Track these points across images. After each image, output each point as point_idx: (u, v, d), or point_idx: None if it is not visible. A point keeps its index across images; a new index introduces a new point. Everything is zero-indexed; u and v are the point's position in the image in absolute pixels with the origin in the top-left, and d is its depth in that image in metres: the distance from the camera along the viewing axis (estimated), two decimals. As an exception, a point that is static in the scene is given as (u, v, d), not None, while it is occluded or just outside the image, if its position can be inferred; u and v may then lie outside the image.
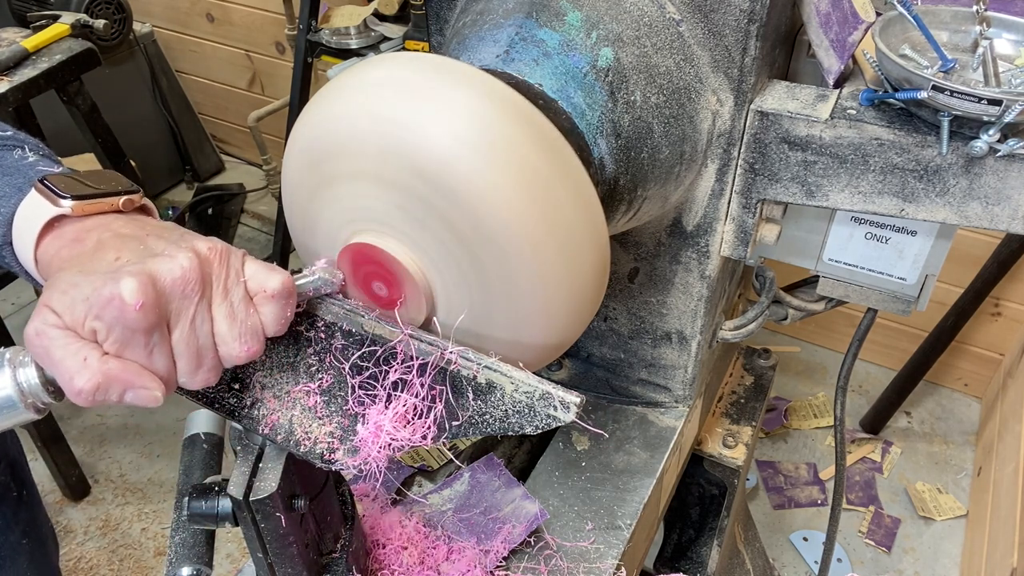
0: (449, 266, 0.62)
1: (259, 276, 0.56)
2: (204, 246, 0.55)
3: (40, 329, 0.50)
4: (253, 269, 0.57)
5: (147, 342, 0.51)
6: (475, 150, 0.57)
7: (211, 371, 0.56)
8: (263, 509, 0.63)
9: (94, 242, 0.55)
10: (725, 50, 0.76)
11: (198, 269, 0.53)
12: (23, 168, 0.66)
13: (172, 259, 0.52)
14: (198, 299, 0.53)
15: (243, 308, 0.55)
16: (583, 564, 0.86)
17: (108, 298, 0.49)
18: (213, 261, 0.54)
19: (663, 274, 0.94)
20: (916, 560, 2.13)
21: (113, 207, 0.60)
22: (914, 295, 0.95)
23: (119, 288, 0.49)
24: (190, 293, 0.52)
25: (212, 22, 3.18)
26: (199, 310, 0.53)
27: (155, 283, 0.51)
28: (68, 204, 0.58)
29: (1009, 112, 0.67)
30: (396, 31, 2.18)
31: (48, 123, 2.43)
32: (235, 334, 0.55)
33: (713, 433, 1.24)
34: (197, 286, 0.52)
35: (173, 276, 0.51)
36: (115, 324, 0.50)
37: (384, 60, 0.62)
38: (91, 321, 0.50)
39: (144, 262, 0.52)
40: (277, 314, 0.57)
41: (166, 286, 0.51)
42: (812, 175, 0.80)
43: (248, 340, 0.56)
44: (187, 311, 0.53)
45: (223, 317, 0.55)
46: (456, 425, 0.60)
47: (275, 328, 0.58)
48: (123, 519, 2.29)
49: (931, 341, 2.25)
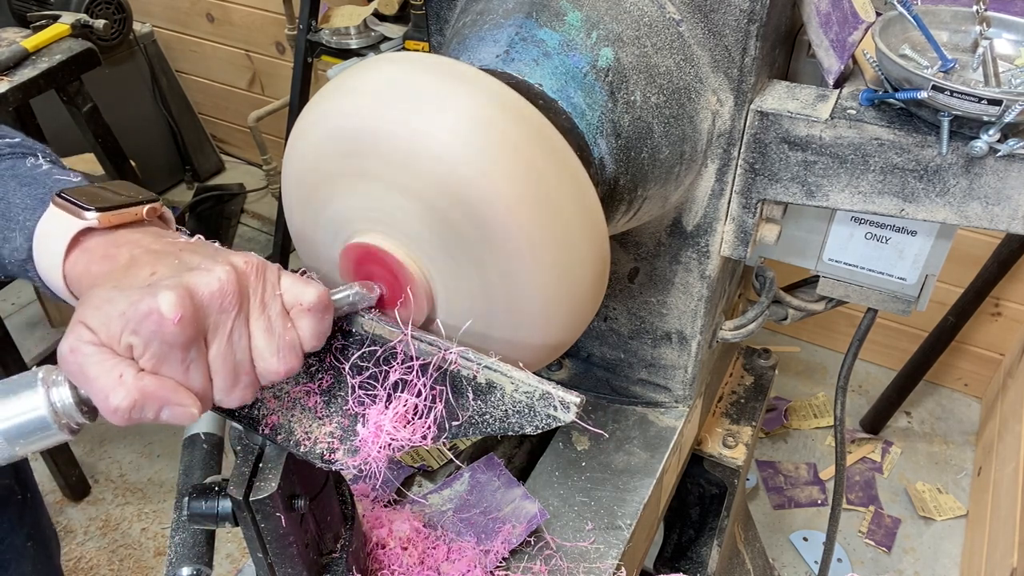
0: (449, 266, 0.62)
1: (295, 289, 0.55)
2: (241, 260, 0.54)
3: (74, 346, 0.49)
4: (289, 282, 0.55)
5: (184, 357, 0.50)
6: (475, 150, 0.57)
7: (248, 388, 0.54)
8: (263, 509, 0.63)
9: (127, 258, 0.54)
10: (725, 50, 0.76)
11: (235, 283, 0.52)
12: (39, 177, 0.65)
13: (210, 272, 0.51)
14: (235, 313, 0.52)
15: (280, 323, 0.54)
16: (583, 564, 0.86)
17: (146, 312, 0.48)
18: (250, 275, 0.53)
19: (663, 274, 0.94)
20: (916, 560, 2.13)
21: (137, 217, 0.59)
22: (914, 295, 0.95)
23: (157, 302, 0.48)
24: (228, 307, 0.51)
25: (212, 22, 3.18)
26: (236, 325, 0.52)
27: (193, 296, 0.49)
28: (94, 216, 0.56)
29: (1009, 112, 0.67)
30: (396, 31, 2.18)
31: (48, 123, 2.43)
32: (273, 349, 0.54)
33: (713, 433, 1.24)
34: (235, 299, 0.51)
35: (211, 289, 0.50)
36: (152, 339, 0.49)
37: (384, 60, 0.62)
38: (127, 336, 0.49)
39: (181, 276, 0.51)
40: (314, 328, 0.56)
41: (204, 300, 0.50)
42: (812, 175, 0.80)
43: (286, 355, 0.54)
44: (224, 325, 0.51)
45: (261, 332, 0.53)
46: (456, 425, 0.60)
47: (312, 343, 0.56)
48: (123, 519, 2.29)
49: (931, 341, 2.25)
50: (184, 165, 3.52)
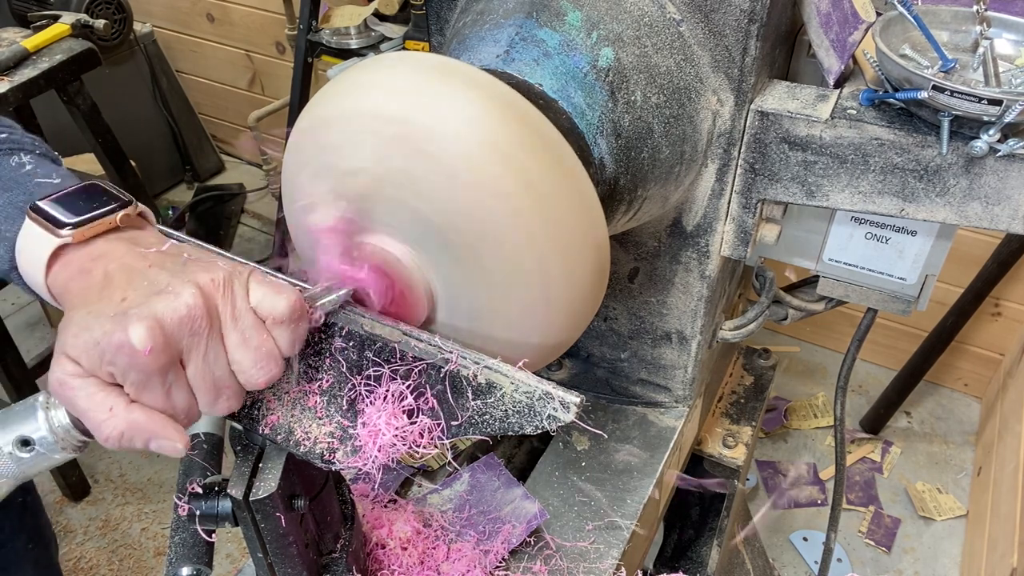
0: (449, 266, 0.62)
1: (265, 301, 0.55)
2: (206, 278, 0.54)
3: (62, 380, 0.51)
4: (260, 294, 0.56)
5: (163, 382, 0.52)
6: (475, 151, 0.57)
7: (232, 399, 0.56)
8: (263, 509, 0.63)
9: (101, 275, 0.55)
10: (725, 50, 0.76)
11: (203, 304, 0.52)
12: (21, 180, 0.65)
13: (177, 297, 0.52)
14: (207, 333, 0.53)
15: (255, 334, 0.55)
16: (583, 564, 0.86)
17: (118, 345, 0.50)
18: (215, 293, 0.54)
19: (663, 274, 0.94)
20: (916, 560, 2.13)
21: (112, 225, 0.59)
22: (914, 295, 0.95)
23: (128, 335, 0.50)
24: (198, 329, 0.52)
25: (212, 22, 3.18)
26: (210, 343, 0.53)
27: (163, 326, 0.51)
28: (68, 233, 0.57)
29: (1009, 112, 0.67)
30: (396, 31, 2.18)
31: (48, 123, 2.43)
32: (251, 360, 0.55)
33: (713, 433, 1.24)
34: (204, 321, 0.52)
35: (179, 315, 0.51)
36: (129, 369, 0.51)
37: (385, 60, 0.62)
38: (106, 366, 0.51)
39: (149, 303, 0.52)
40: (289, 336, 0.57)
41: (173, 327, 0.51)
42: (812, 175, 0.80)
43: (265, 365, 0.55)
44: (198, 347, 0.53)
45: (236, 346, 0.54)
46: (456, 425, 0.60)
47: (290, 350, 0.57)
48: (123, 519, 2.29)
49: (931, 341, 2.25)
50: (184, 165, 3.52)
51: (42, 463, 0.56)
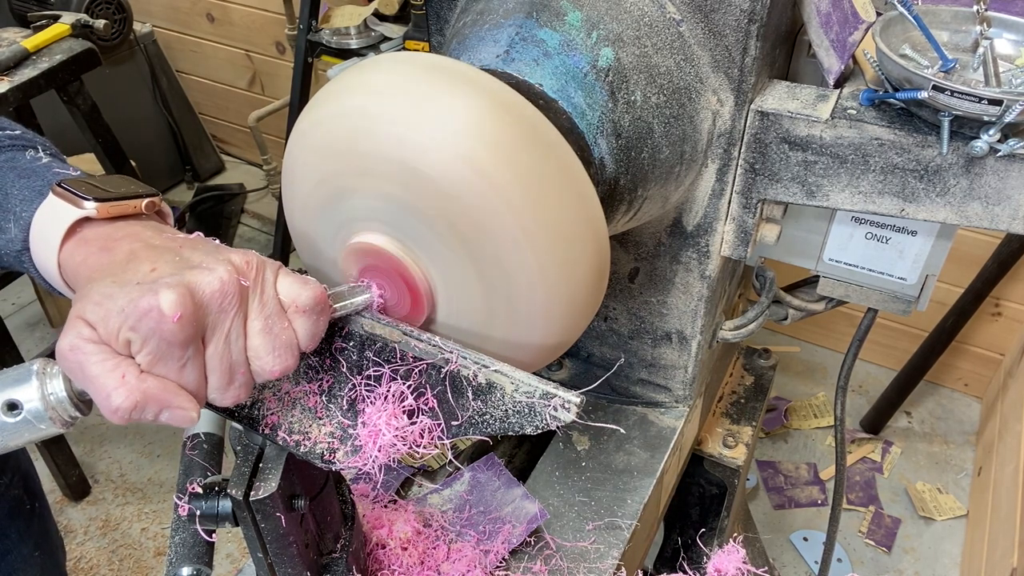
0: (449, 266, 0.62)
1: (292, 290, 0.55)
2: (240, 259, 0.54)
3: (74, 344, 0.49)
4: (287, 282, 0.55)
5: (181, 356, 0.50)
6: (475, 151, 0.57)
7: (242, 387, 0.55)
8: (263, 509, 0.63)
9: (125, 252, 0.54)
10: (725, 50, 0.76)
11: (236, 282, 0.52)
12: (39, 170, 0.64)
13: (211, 271, 0.51)
14: (235, 313, 0.52)
15: (278, 322, 0.54)
16: (583, 564, 0.86)
17: (146, 309, 0.48)
18: (249, 274, 0.53)
19: (663, 274, 0.94)
20: (916, 560, 2.13)
21: (136, 210, 0.59)
22: (914, 295, 0.95)
23: (158, 299, 0.48)
24: (227, 307, 0.51)
25: (212, 22, 3.18)
26: (235, 324, 0.52)
27: (194, 295, 0.49)
28: (92, 206, 0.56)
29: (1009, 112, 0.67)
30: (396, 31, 2.18)
31: (48, 123, 2.43)
32: (269, 348, 0.54)
33: (713, 433, 1.24)
34: (235, 299, 0.51)
35: (212, 288, 0.50)
36: (151, 336, 0.48)
37: (385, 60, 0.62)
38: (126, 332, 0.48)
39: (182, 274, 0.50)
40: (310, 328, 0.56)
41: (205, 299, 0.50)
42: (812, 175, 0.80)
43: (282, 355, 0.54)
44: (223, 325, 0.51)
45: (258, 331, 0.53)
46: (456, 425, 0.60)
47: (309, 342, 0.56)
48: (123, 519, 2.29)
49: (931, 341, 2.25)
50: (184, 165, 3.52)
51: (25, 433, 0.52)
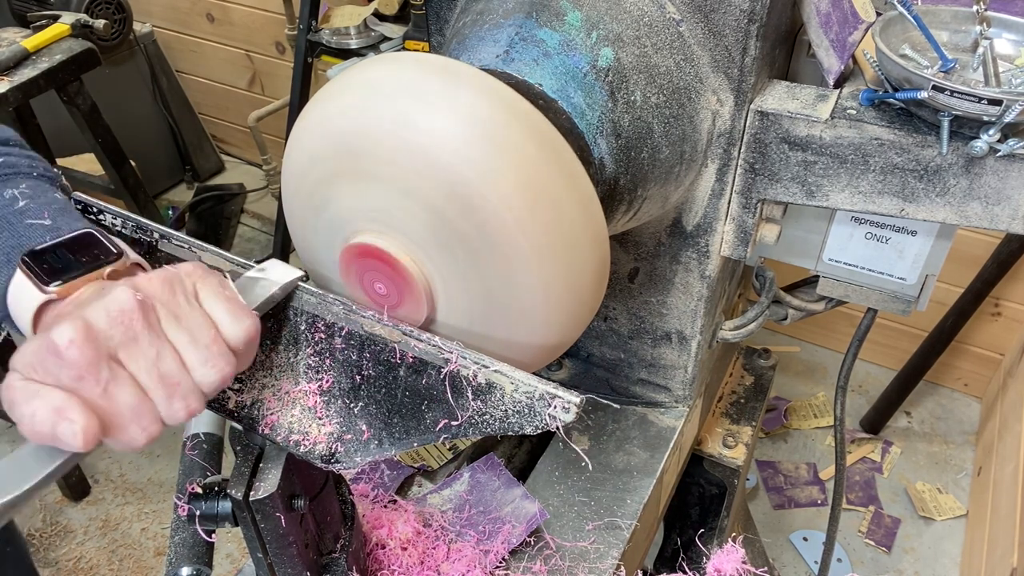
0: (449, 266, 0.62)
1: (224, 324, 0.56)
2: (143, 278, 0.55)
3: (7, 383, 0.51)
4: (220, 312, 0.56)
5: (97, 380, 0.51)
6: (475, 150, 0.57)
7: (189, 398, 0.54)
8: (263, 509, 0.63)
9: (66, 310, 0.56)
10: (725, 50, 0.76)
11: (132, 299, 0.52)
12: (12, 221, 0.65)
13: (106, 296, 0.52)
14: (143, 328, 0.52)
15: (205, 332, 0.55)
16: (583, 564, 0.86)
17: (46, 346, 0.50)
18: (151, 289, 0.54)
19: (663, 274, 0.94)
20: (916, 560, 2.13)
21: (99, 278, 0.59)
22: (914, 295, 0.95)
23: (52, 335, 0.50)
24: (129, 323, 0.52)
25: (212, 22, 3.18)
26: (151, 340, 0.53)
27: (88, 322, 0.51)
28: (53, 290, 0.57)
29: (1009, 112, 0.67)
30: (396, 31, 2.18)
31: (48, 123, 2.43)
32: (201, 359, 0.54)
33: (713, 433, 1.24)
34: (136, 314, 0.52)
35: (108, 311, 0.52)
36: (58, 368, 0.50)
37: (385, 60, 0.62)
38: (40, 373, 0.50)
39: (82, 308, 0.52)
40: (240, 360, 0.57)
41: (101, 324, 0.51)
42: (812, 175, 0.80)
43: (217, 363, 0.55)
44: (136, 342, 0.52)
45: (185, 344, 0.54)
46: (456, 425, 0.60)
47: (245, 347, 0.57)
48: (123, 519, 2.29)
49: (931, 341, 2.25)
50: (184, 165, 3.52)
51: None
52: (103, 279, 0.59)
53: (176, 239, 0.68)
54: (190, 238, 0.67)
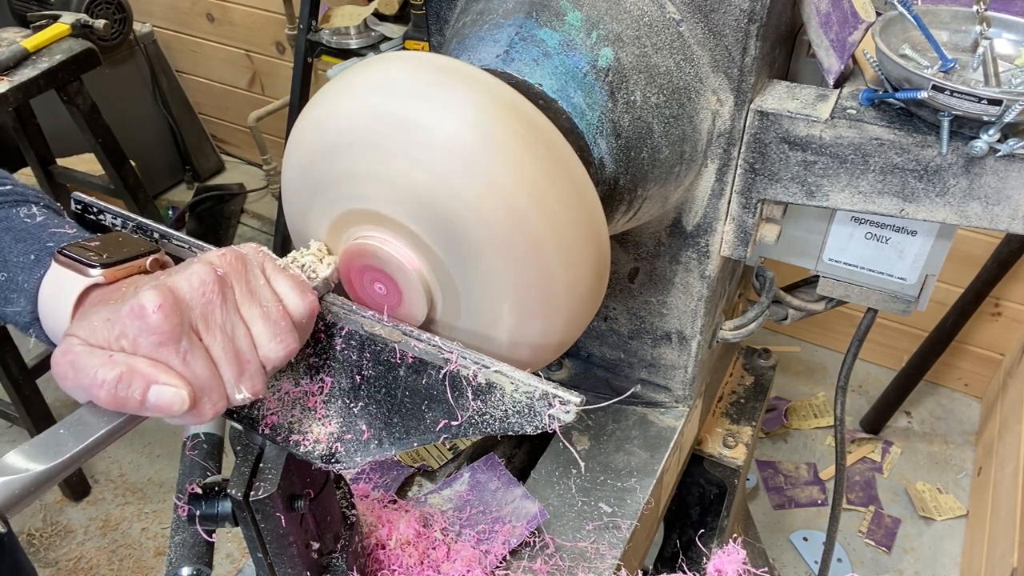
0: (449, 266, 0.62)
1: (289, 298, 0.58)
2: (216, 254, 0.56)
3: (65, 348, 0.51)
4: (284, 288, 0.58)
5: (177, 348, 0.51)
6: (475, 149, 0.57)
7: (256, 376, 0.55)
8: (263, 509, 0.63)
9: (122, 294, 0.56)
10: (725, 50, 0.76)
11: (213, 273, 0.53)
12: (34, 231, 0.65)
13: (186, 270, 0.53)
14: (221, 302, 0.53)
15: (274, 308, 0.56)
16: (583, 564, 0.86)
17: (128, 311, 0.50)
18: (227, 266, 0.55)
19: (663, 274, 0.94)
20: (916, 560, 2.13)
21: (141, 269, 0.60)
22: (914, 295, 0.95)
23: (138, 299, 0.50)
24: (211, 297, 0.53)
25: (212, 22, 3.18)
26: (227, 313, 0.53)
27: (173, 291, 0.51)
28: (98, 273, 0.57)
29: (1009, 112, 0.67)
30: (396, 31, 2.18)
31: (48, 123, 2.43)
32: (271, 333, 0.55)
33: (713, 433, 1.24)
34: (215, 287, 0.53)
35: (190, 283, 0.52)
36: (140, 334, 0.50)
37: (385, 60, 0.62)
38: (118, 339, 0.50)
39: (160, 280, 0.52)
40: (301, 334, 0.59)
41: (184, 293, 0.52)
42: (812, 175, 0.80)
43: (284, 338, 0.56)
44: (214, 316, 0.53)
45: (257, 318, 0.55)
46: (456, 425, 0.60)
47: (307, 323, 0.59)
48: (123, 519, 2.29)
49: (931, 341, 2.25)
50: (184, 165, 3.52)
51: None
52: (145, 269, 0.60)
53: (176, 239, 0.68)
54: (190, 238, 0.67)
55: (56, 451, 0.50)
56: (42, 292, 0.61)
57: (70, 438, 0.51)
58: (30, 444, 0.50)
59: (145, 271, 0.60)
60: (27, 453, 0.50)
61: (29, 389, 2.10)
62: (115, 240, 0.62)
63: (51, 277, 0.60)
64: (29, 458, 0.50)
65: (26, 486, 0.49)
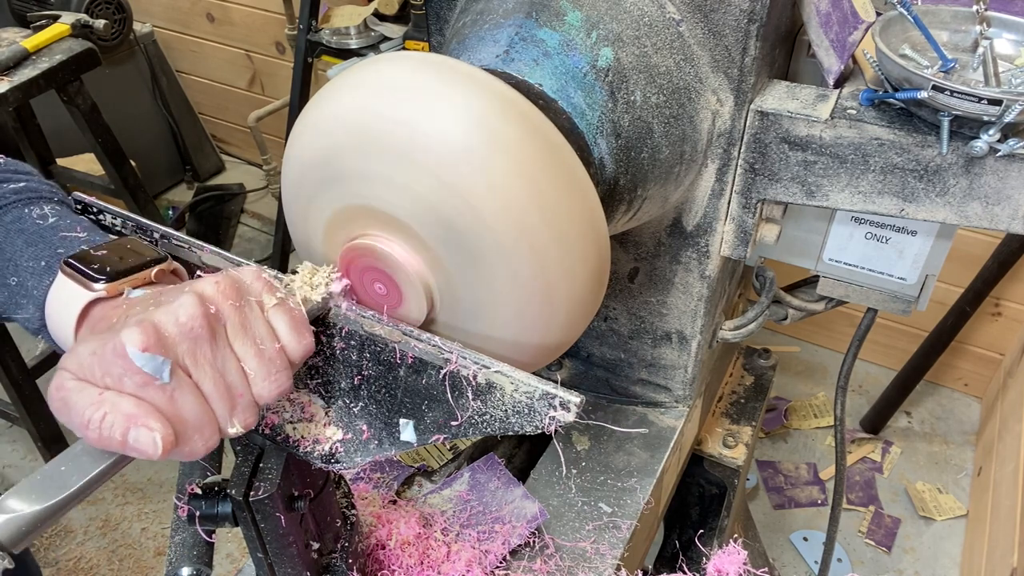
0: (449, 265, 0.62)
1: (286, 338, 0.56)
2: (211, 286, 0.54)
3: (58, 384, 0.50)
4: (283, 327, 0.56)
5: (163, 388, 0.50)
6: (475, 149, 0.57)
7: (248, 409, 0.54)
8: (263, 509, 0.63)
9: (117, 316, 0.55)
10: (725, 50, 0.76)
11: (200, 307, 0.52)
12: (46, 234, 0.65)
13: (174, 303, 0.52)
14: (210, 338, 0.52)
15: (270, 345, 0.55)
16: (583, 564, 0.86)
17: (112, 350, 0.49)
18: (220, 299, 0.53)
19: (663, 274, 0.94)
20: (916, 560, 2.13)
21: (146, 280, 0.59)
22: (914, 295, 0.95)
23: (120, 337, 0.49)
24: (199, 333, 0.51)
25: (212, 22, 3.18)
26: (216, 349, 0.52)
27: (157, 328, 0.50)
28: (101, 287, 0.57)
29: (1009, 112, 0.67)
30: (396, 31, 2.18)
31: (48, 123, 2.43)
32: (264, 372, 0.54)
33: (713, 433, 1.24)
34: (203, 323, 0.51)
35: (177, 319, 0.51)
36: (124, 374, 0.49)
37: (384, 59, 0.62)
38: (103, 378, 0.49)
39: (148, 312, 0.51)
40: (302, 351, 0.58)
41: (170, 332, 0.50)
42: (812, 175, 0.80)
43: (277, 377, 0.55)
44: (202, 352, 0.51)
45: (251, 356, 0.54)
46: (456, 425, 0.60)
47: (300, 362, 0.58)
48: (123, 519, 2.29)
49: (931, 341, 2.25)
50: (184, 165, 3.52)
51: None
52: (150, 280, 0.59)
53: (176, 239, 0.68)
54: (190, 238, 0.67)
55: (59, 487, 0.51)
56: (49, 302, 0.61)
57: (72, 473, 0.52)
58: (30, 481, 0.51)
59: (151, 282, 0.60)
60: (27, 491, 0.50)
61: (29, 389, 2.10)
62: (123, 247, 0.61)
63: (57, 288, 0.60)
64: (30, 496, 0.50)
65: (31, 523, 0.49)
